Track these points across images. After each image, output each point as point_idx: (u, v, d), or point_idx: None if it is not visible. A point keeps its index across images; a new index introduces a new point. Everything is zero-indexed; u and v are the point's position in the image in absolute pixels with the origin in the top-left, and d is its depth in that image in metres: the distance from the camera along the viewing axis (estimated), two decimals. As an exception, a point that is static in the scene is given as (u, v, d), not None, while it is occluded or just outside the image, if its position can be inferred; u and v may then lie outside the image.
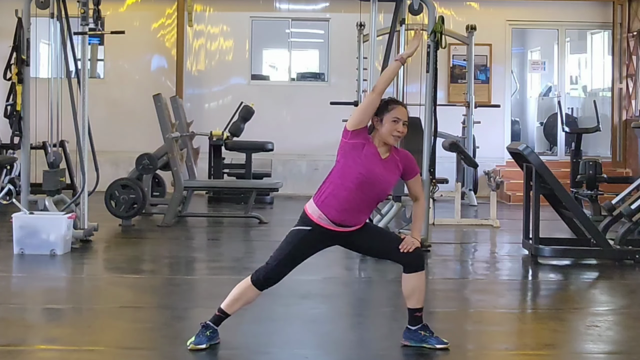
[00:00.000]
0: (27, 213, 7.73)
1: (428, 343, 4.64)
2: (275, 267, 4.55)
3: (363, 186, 4.46)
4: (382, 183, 4.50)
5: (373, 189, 4.48)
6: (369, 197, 4.50)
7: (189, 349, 4.56)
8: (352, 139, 4.49)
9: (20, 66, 8.06)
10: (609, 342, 5.09)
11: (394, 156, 4.60)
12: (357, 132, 4.50)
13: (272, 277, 4.58)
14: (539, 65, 16.10)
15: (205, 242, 9.37)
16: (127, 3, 13.90)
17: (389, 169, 4.55)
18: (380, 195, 4.56)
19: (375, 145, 4.55)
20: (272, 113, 13.54)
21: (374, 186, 4.48)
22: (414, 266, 4.61)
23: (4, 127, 9.56)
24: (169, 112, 10.21)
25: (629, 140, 13.67)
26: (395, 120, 4.54)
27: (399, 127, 4.54)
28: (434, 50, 7.96)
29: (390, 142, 4.55)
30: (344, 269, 6.98)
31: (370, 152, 4.50)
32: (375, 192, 4.51)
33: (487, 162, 12.86)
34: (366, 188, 4.47)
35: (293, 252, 4.55)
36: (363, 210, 4.54)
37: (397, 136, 4.55)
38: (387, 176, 4.53)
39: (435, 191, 8.63)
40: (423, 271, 4.64)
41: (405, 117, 4.60)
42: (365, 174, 4.45)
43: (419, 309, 4.67)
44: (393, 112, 4.55)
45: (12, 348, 4.66)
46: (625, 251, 7.63)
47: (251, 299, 4.66)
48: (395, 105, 4.62)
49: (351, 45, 12.91)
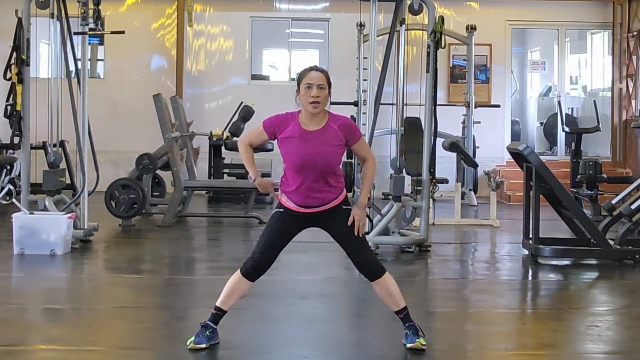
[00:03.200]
0: (27, 213, 7.74)
1: (407, 342, 4.64)
2: (261, 254, 4.60)
3: (303, 169, 4.46)
4: (321, 159, 4.44)
5: (315, 167, 4.45)
6: (314, 175, 4.46)
7: (189, 349, 4.57)
8: (276, 137, 4.51)
9: (20, 66, 8.06)
10: (609, 342, 5.09)
11: (330, 125, 4.48)
12: (272, 128, 4.51)
13: (260, 266, 4.62)
14: (539, 65, 16.10)
15: (205, 242, 9.37)
16: (127, 3, 13.90)
17: (326, 141, 4.45)
18: (326, 170, 4.48)
19: (300, 124, 4.47)
20: (272, 113, 13.40)
21: (314, 165, 4.44)
22: (372, 274, 4.63)
23: (4, 127, 9.57)
24: (169, 112, 10.21)
25: (629, 140, 13.68)
26: (308, 87, 4.41)
27: (312, 92, 4.39)
28: (434, 50, 7.96)
29: (310, 110, 4.42)
30: (344, 269, 6.98)
31: (296, 135, 4.45)
32: (319, 169, 4.46)
33: (487, 162, 12.86)
34: (307, 169, 4.46)
35: (273, 235, 4.60)
36: (318, 189, 4.49)
37: (314, 102, 4.40)
38: (325, 150, 4.44)
39: (435, 191, 8.65)
40: (383, 277, 4.62)
41: (319, 80, 4.42)
42: (298, 159, 4.44)
43: (399, 311, 4.68)
44: (304, 79, 4.43)
45: (12, 348, 4.66)
46: (625, 251, 7.63)
47: (245, 292, 4.68)
48: (305, 72, 4.48)
49: (351, 45, 12.91)
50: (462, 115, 12.70)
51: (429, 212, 8.30)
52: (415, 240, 8.01)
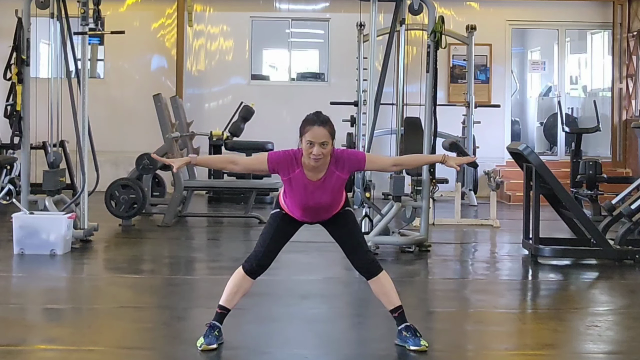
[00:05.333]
0: (27, 213, 7.73)
1: (407, 344, 4.63)
2: (264, 251, 4.64)
3: (306, 210, 4.55)
4: (322, 205, 4.53)
5: (318, 208, 4.55)
6: (318, 210, 4.57)
7: (201, 350, 4.56)
8: (275, 171, 4.51)
9: (20, 66, 8.06)
10: (609, 342, 5.09)
11: (332, 171, 4.47)
12: (275, 165, 4.49)
13: (263, 263, 4.66)
14: (539, 65, 16.10)
15: (205, 242, 9.37)
16: (127, 3, 13.90)
17: (328, 189, 4.49)
18: (328, 207, 4.58)
19: (304, 173, 4.47)
20: (272, 113, 13.53)
21: (315, 208, 4.54)
22: (369, 272, 4.66)
23: (4, 127, 9.56)
24: (169, 112, 10.20)
25: (629, 140, 13.68)
26: (309, 144, 4.34)
27: (314, 150, 4.33)
28: (434, 50, 7.96)
29: (312, 164, 4.41)
30: (344, 269, 6.98)
31: (299, 184, 4.47)
32: (322, 209, 4.56)
33: (487, 162, 12.85)
34: (310, 210, 4.55)
35: (276, 233, 4.65)
36: (322, 214, 4.61)
37: (315, 159, 4.37)
38: (326, 197, 4.50)
39: (435, 191, 8.65)
40: (379, 275, 4.65)
41: (321, 137, 4.32)
42: (302, 204, 4.52)
43: (394, 310, 4.69)
44: (307, 135, 4.35)
45: (12, 348, 4.66)
46: (625, 251, 7.63)
47: (247, 290, 4.73)
48: (309, 126, 4.36)
49: (351, 45, 12.89)
50: (462, 115, 12.69)
51: (429, 212, 8.30)
52: (415, 240, 8.01)
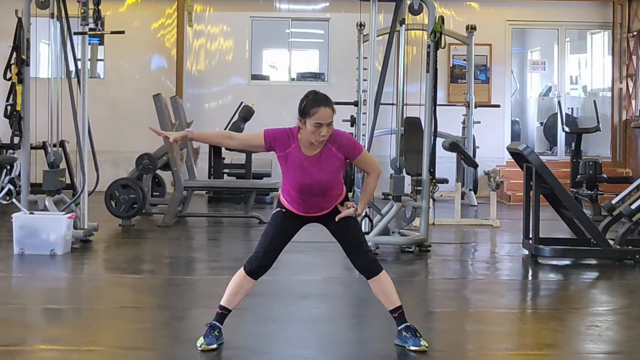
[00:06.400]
0: (27, 213, 7.73)
1: (407, 344, 4.63)
2: (265, 252, 4.62)
3: (303, 190, 4.51)
4: (319, 182, 4.48)
5: (313, 188, 4.50)
6: (314, 194, 4.53)
7: (201, 350, 4.56)
8: (273, 150, 4.49)
9: (20, 66, 8.06)
10: (609, 342, 5.09)
11: (329, 147, 4.45)
12: (272, 141, 4.47)
13: (264, 264, 4.65)
14: (539, 65, 16.10)
15: (205, 242, 9.37)
16: (127, 3, 13.90)
17: (324, 164, 4.46)
18: (325, 189, 4.53)
19: (300, 148, 4.44)
20: (272, 113, 13.50)
21: (312, 187, 4.49)
22: (369, 272, 4.66)
23: (4, 127, 9.56)
24: (169, 112, 10.21)
25: (629, 140, 13.68)
26: (317, 126, 4.32)
27: (322, 131, 4.33)
28: (434, 50, 7.96)
29: (316, 144, 4.41)
30: (344, 269, 6.98)
31: (295, 160, 4.45)
32: (319, 189, 4.51)
33: (487, 162, 12.86)
34: (306, 190, 4.51)
35: (277, 233, 4.63)
36: (318, 202, 4.57)
37: (322, 141, 4.38)
38: (322, 177, 4.46)
39: (435, 191, 8.64)
40: (379, 275, 4.65)
41: (328, 118, 4.32)
42: (298, 183, 4.48)
43: (394, 310, 4.69)
44: (314, 117, 4.30)
45: (12, 348, 4.66)
46: (625, 251, 7.63)
47: (249, 290, 4.72)
48: (316, 107, 4.32)
49: (351, 45, 12.90)
50: (462, 115, 12.69)
51: (429, 212, 8.30)
52: (415, 240, 8.01)
